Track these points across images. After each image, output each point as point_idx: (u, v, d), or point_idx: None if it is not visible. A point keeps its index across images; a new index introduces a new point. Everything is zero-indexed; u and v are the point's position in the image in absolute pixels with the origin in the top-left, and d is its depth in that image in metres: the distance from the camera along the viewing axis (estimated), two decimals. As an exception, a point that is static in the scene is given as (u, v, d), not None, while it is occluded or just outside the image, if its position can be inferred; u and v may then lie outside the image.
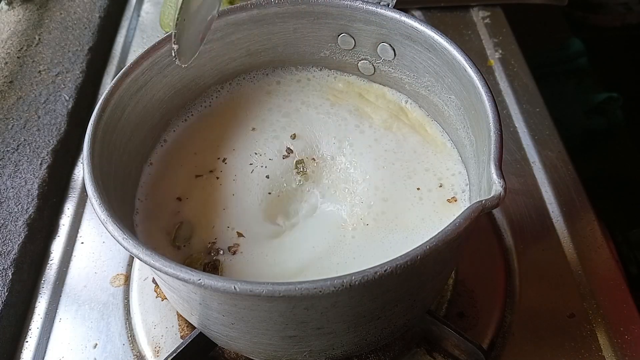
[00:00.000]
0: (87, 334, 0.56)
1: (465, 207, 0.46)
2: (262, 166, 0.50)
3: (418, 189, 0.48)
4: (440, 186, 0.48)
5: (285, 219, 0.48)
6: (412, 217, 0.46)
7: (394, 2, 0.53)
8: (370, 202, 0.47)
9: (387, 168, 0.49)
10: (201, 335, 0.49)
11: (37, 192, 0.64)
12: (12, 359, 0.55)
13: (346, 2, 0.49)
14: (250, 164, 0.51)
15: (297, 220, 0.48)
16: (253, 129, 0.53)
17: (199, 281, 0.33)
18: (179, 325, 0.55)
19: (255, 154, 0.51)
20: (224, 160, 0.51)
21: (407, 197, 0.48)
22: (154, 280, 0.58)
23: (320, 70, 0.57)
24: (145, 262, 0.34)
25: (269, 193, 0.49)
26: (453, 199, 0.47)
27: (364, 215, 0.46)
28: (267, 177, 0.50)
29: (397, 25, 0.48)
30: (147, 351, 0.54)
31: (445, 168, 0.49)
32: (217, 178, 0.50)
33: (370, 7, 0.48)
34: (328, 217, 0.47)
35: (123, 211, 0.44)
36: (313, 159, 0.51)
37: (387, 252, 0.44)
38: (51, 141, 0.69)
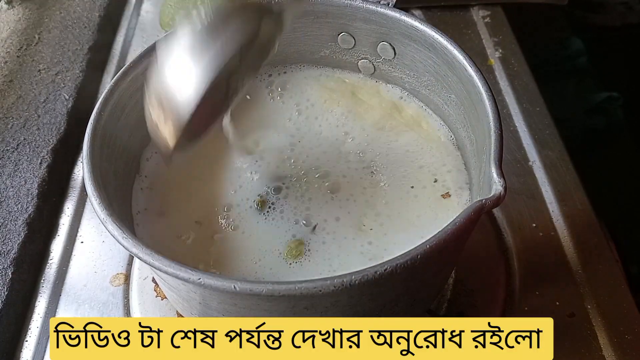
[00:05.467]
0: (86, 334, 0.56)
1: (460, 202, 0.46)
2: (251, 171, 0.50)
3: (412, 187, 0.48)
4: (435, 181, 0.48)
5: None
6: (409, 216, 0.46)
7: (394, 1, 0.53)
8: (370, 212, 0.47)
9: (381, 173, 0.49)
10: (201, 335, 0.49)
11: (36, 191, 0.64)
12: (12, 358, 0.55)
13: (346, 2, 0.49)
14: (236, 165, 0.50)
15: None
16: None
17: (198, 280, 0.33)
18: (179, 325, 0.55)
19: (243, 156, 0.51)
20: (218, 168, 0.51)
21: (402, 197, 0.47)
22: (153, 280, 0.58)
23: (320, 69, 0.57)
24: (145, 262, 0.34)
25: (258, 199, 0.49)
26: (447, 194, 0.47)
27: (367, 225, 0.46)
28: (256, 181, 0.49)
29: (397, 24, 0.48)
30: (146, 350, 0.54)
31: (441, 164, 0.49)
32: (216, 178, 0.50)
33: (370, 6, 0.48)
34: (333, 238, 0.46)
35: (123, 211, 0.44)
36: (302, 174, 0.50)
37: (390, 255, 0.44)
38: (51, 140, 0.69)
